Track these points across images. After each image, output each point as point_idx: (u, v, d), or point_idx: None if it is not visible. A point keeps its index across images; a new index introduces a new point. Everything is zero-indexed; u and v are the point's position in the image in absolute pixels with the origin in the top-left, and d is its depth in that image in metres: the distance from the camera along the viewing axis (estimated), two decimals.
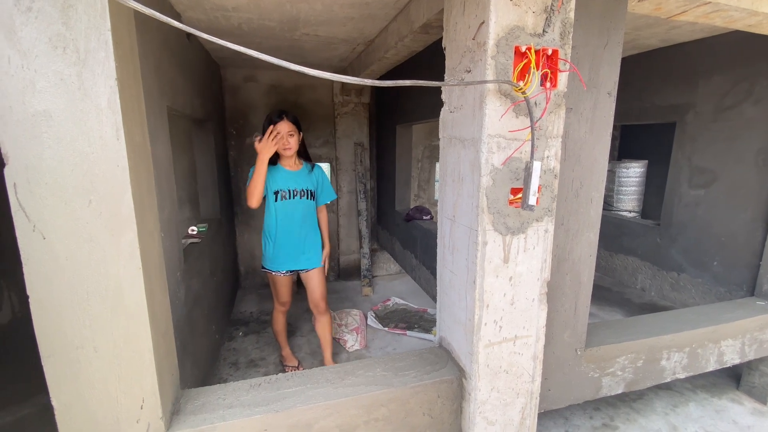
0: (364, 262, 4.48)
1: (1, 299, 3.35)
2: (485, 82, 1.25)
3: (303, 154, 2.48)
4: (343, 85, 4.23)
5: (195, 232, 2.75)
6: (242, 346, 3.18)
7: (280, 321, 2.72)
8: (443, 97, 1.59)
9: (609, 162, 5.44)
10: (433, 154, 5.23)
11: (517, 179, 1.40)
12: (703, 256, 2.86)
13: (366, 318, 3.57)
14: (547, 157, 1.42)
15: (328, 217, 3.07)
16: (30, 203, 1.04)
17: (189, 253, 2.40)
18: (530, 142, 1.33)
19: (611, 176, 5.33)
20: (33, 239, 1.06)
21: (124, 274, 1.13)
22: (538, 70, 1.31)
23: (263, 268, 2.55)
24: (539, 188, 1.42)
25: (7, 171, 1.01)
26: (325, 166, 4.48)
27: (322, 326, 2.64)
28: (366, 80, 1.01)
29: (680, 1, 1.63)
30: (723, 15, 1.79)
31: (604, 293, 3.82)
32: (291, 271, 2.52)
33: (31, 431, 2.20)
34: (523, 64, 1.31)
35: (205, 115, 3.04)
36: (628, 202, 5.04)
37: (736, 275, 2.65)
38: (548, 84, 1.35)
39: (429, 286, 3.19)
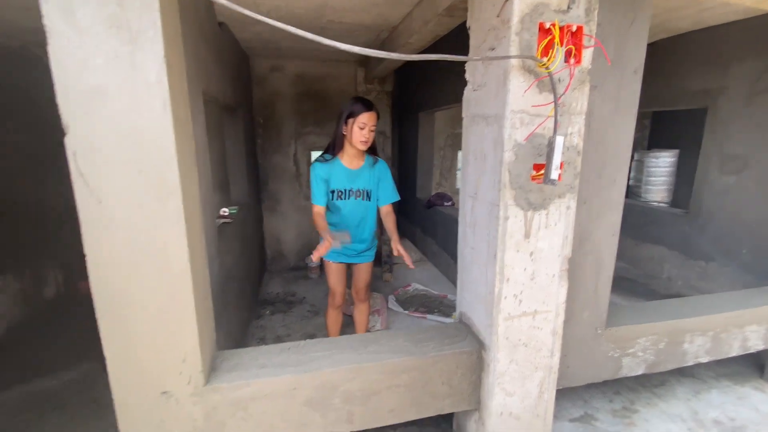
0: (385, 249, 4.55)
1: (48, 277, 3.61)
2: (510, 57, 1.28)
3: (371, 146, 2.19)
4: (366, 74, 4.28)
5: (227, 213, 2.89)
6: (269, 324, 3.33)
7: (331, 316, 2.56)
8: (467, 76, 1.63)
9: (637, 152, 5.28)
10: (455, 142, 5.23)
11: (540, 155, 1.43)
12: (732, 244, 2.78)
13: (387, 301, 3.65)
14: (570, 133, 1.44)
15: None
16: (88, 170, 1.15)
17: (222, 232, 2.53)
18: (553, 118, 1.36)
19: (639, 166, 5.20)
20: (90, 204, 1.17)
21: (170, 237, 1.24)
22: (562, 46, 1.33)
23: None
24: (561, 164, 1.44)
25: (67, 140, 1.12)
26: None
27: (360, 313, 2.62)
28: (392, 54, 1.06)
29: None
30: None
31: (629, 284, 3.76)
32: (343, 264, 2.44)
33: (76, 394, 2.39)
34: (547, 40, 1.32)
35: (236, 103, 3.15)
36: (657, 193, 4.90)
37: (766, 263, 2.58)
38: (572, 60, 1.36)
39: (449, 271, 3.23)
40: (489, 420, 1.65)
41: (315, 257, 2.02)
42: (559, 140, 1.33)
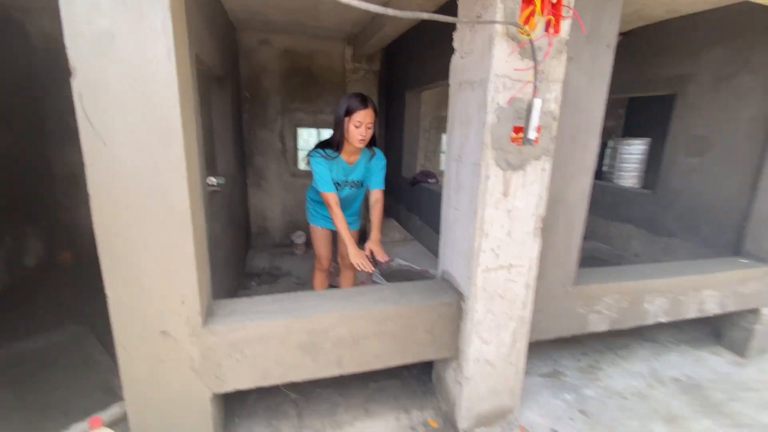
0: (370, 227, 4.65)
1: (28, 245, 3.57)
2: (495, 22, 1.38)
3: (371, 140, 2.26)
4: (354, 52, 4.32)
5: (214, 183, 2.92)
6: (256, 294, 3.38)
7: (318, 278, 2.72)
8: (455, 44, 1.72)
9: (612, 139, 5.51)
10: (440, 125, 5.34)
11: (520, 118, 1.55)
12: (694, 221, 3.01)
13: (372, 274, 3.76)
14: (548, 99, 1.56)
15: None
16: (93, 112, 1.20)
17: (210, 199, 2.57)
18: (533, 83, 1.47)
19: (613, 153, 5.43)
20: (95, 145, 1.22)
21: (171, 180, 1.30)
22: (543, 15, 1.44)
23: (308, 221, 2.66)
24: (539, 128, 1.57)
25: (73, 82, 1.17)
26: None
27: (346, 279, 2.73)
28: (389, 10, 1.14)
29: None
30: None
31: (599, 264, 4.00)
32: (330, 229, 2.59)
33: (64, 354, 2.42)
34: (530, 9, 1.43)
35: (224, 74, 3.16)
36: (629, 179, 5.15)
37: (723, 238, 2.80)
38: (551, 30, 1.48)
39: (432, 244, 3.36)
40: (466, 365, 1.79)
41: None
42: (537, 102, 1.45)
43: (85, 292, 3.27)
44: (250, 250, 4.62)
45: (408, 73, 3.90)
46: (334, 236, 2.66)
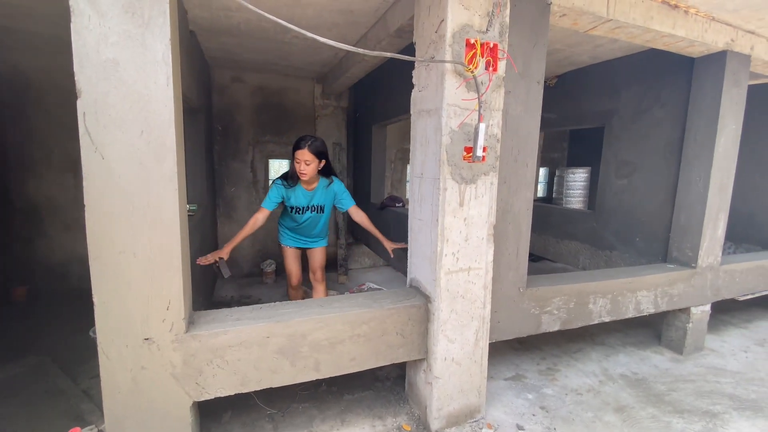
0: (341, 253, 4.79)
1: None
2: (445, 61, 1.68)
3: (326, 171, 2.74)
4: (324, 89, 4.64)
5: (187, 209, 3.00)
6: None
7: (291, 294, 3.07)
8: (414, 80, 2.02)
9: (558, 169, 6.12)
10: (404, 156, 5.70)
11: (469, 140, 1.83)
12: (628, 234, 3.40)
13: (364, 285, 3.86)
14: (491, 124, 1.86)
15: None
16: (94, 129, 1.34)
17: None
18: (477, 111, 1.77)
19: (560, 180, 6.00)
20: (94, 159, 1.35)
21: (163, 193, 1.44)
22: (482, 57, 1.76)
23: (279, 242, 3.03)
24: (485, 148, 1.85)
25: (79, 102, 1.32)
26: None
27: (318, 294, 3.01)
28: (359, 49, 1.40)
29: (590, 18, 2.16)
30: (625, 31, 2.34)
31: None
32: (298, 248, 2.99)
33: (25, 385, 2.33)
34: (472, 53, 1.75)
35: (199, 106, 3.33)
36: (576, 203, 5.69)
37: (654, 248, 3.19)
38: (491, 69, 1.80)
39: (401, 264, 3.54)
40: (435, 365, 1.94)
41: (200, 261, 2.49)
42: (482, 127, 1.74)
43: (42, 326, 3.15)
44: (218, 280, 4.59)
45: (374, 108, 4.23)
46: (303, 255, 3.06)
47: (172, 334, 1.54)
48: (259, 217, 2.61)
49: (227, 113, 4.43)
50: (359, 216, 2.84)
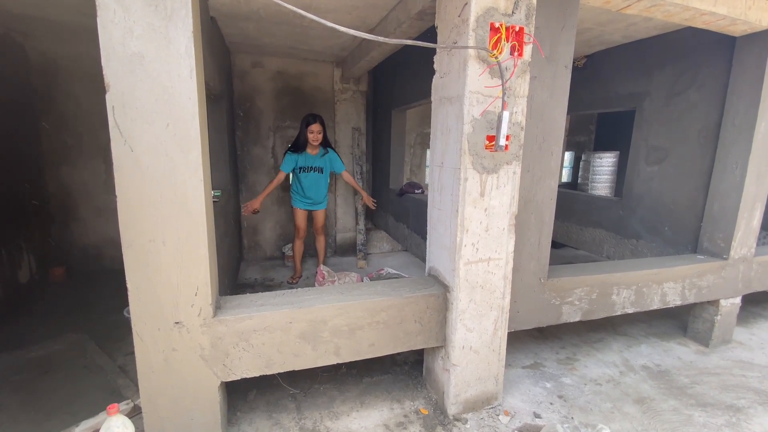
0: (360, 238, 4.83)
1: (21, 261, 3.62)
2: (468, 47, 1.63)
3: (324, 142, 3.79)
4: (343, 73, 4.60)
5: (212, 195, 3.07)
6: None
7: (298, 246, 4.08)
8: (435, 66, 1.97)
9: (584, 153, 5.85)
10: (424, 141, 5.63)
11: (492, 128, 1.78)
12: (656, 223, 3.29)
13: (363, 281, 3.92)
14: (515, 112, 1.81)
15: (331, 199, 4.79)
16: (123, 122, 1.38)
17: None
18: (501, 98, 1.72)
19: (586, 165, 5.80)
20: (123, 151, 1.40)
21: (189, 183, 1.48)
22: (507, 42, 1.70)
23: (292, 206, 4.03)
24: (508, 137, 1.81)
25: (108, 96, 1.35)
26: None
27: (319, 242, 4.19)
28: (377, 37, 1.37)
29: None
30: (662, 9, 2.21)
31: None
32: (306, 209, 3.98)
33: (65, 361, 2.49)
34: (497, 37, 1.69)
35: (221, 93, 3.36)
36: (602, 189, 5.50)
37: (682, 238, 3.08)
38: (516, 54, 1.74)
39: (420, 251, 3.56)
40: (453, 353, 1.96)
41: (245, 211, 3.69)
42: (506, 114, 1.69)
43: (79, 305, 3.34)
44: (242, 262, 4.72)
45: (393, 92, 4.17)
46: (309, 214, 4.06)
47: (200, 319, 1.61)
48: (280, 177, 3.73)
49: (248, 99, 4.46)
50: (349, 178, 4.03)
